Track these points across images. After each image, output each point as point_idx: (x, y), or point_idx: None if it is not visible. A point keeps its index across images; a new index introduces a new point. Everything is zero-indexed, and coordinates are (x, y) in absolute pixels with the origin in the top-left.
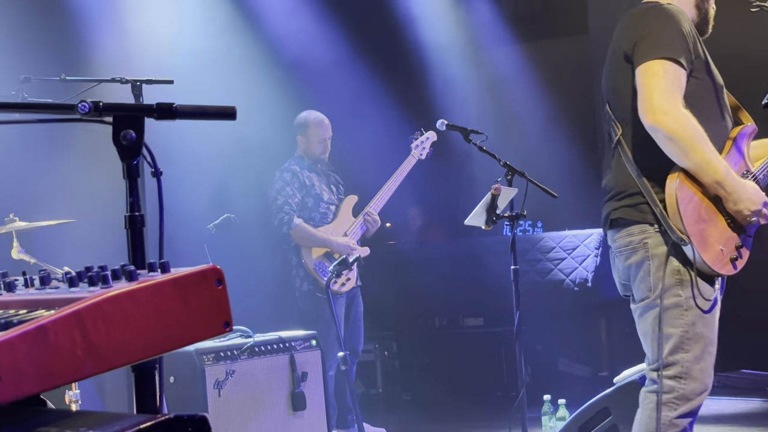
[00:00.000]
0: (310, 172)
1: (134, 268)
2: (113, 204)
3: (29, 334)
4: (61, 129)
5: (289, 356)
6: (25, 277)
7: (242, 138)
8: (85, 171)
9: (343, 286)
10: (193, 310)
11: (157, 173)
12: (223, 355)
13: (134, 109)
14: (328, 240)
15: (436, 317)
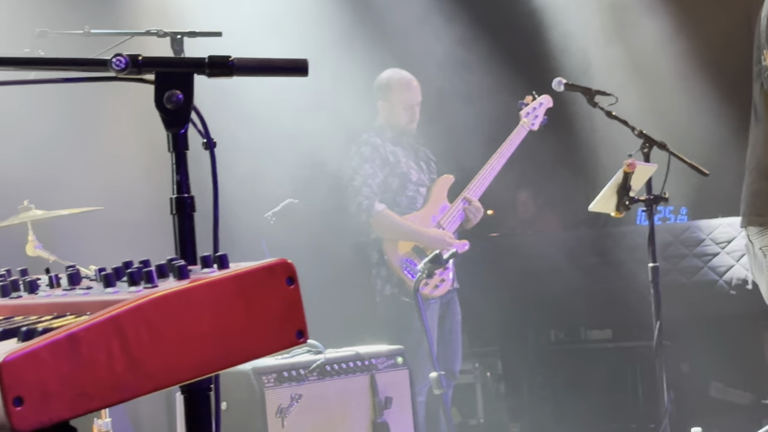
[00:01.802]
0: (395, 145)
1: (185, 264)
2: (151, 186)
3: (57, 345)
4: (86, 93)
5: (369, 377)
6: (50, 275)
7: (308, 104)
8: (116, 145)
9: (437, 289)
10: (258, 315)
11: (210, 144)
12: (287, 376)
13: (182, 63)
14: (418, 231)
15: (551, 329)
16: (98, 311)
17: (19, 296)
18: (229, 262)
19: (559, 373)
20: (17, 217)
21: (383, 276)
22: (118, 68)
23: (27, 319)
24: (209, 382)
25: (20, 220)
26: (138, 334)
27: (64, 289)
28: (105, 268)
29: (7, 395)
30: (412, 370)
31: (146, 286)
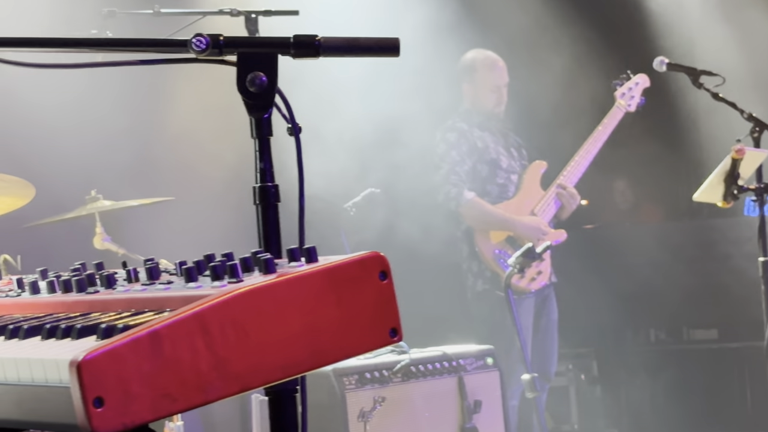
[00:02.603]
0: (482, 130)
1: (271, 257)
2: (226, 175)
3: (138, 344)
4: (157, 77)
5: (458, 379)
6: (128, 269)
7: (390, 87)
8: (189, 132)
9: (533, 282)
10: (350, 312)
11: (295, 130)
12: (369, 377)
13: (265, 44)
14: (511, 219)
15: (651, 328)
16: (181, 307)
17: (96, 291)
18: (317, 255)
19: (659, 375)
20: (84, 208)
21: (475, 271)
22: (198, 49)
23: (105, 314)
24: (295, 383)
25: (87, 211)
26: (223, 332)
27: (143, 283)
28: (185, 262)
29: (87, 396)
30: (503, 371)
31: (231, 281)
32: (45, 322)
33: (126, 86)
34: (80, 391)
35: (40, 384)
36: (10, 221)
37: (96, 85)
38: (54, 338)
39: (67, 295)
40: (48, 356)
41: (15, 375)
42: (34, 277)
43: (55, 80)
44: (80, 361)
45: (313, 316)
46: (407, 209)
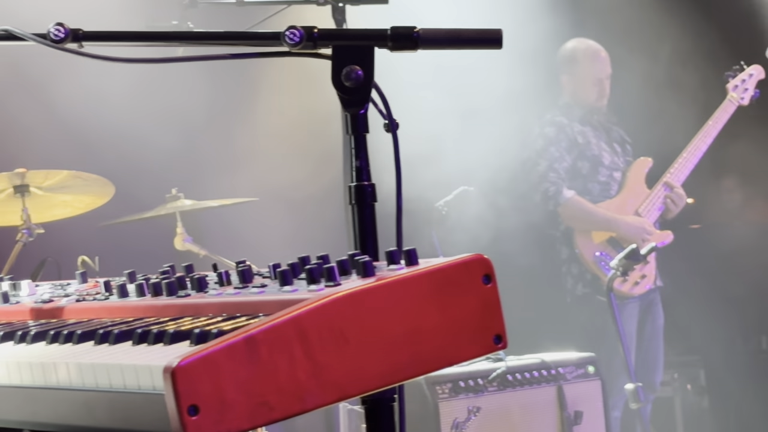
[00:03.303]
0: (583, 125)
1: (370, 260)
2: (312, 174)
3: (234, 349)
4: (241, 71)
5: (557, 388)
6: (219, 272)
7: (482, 80)
8: (274, 130)
9: (637, 286)
10: (453, 317)
11: (392, 126)
12: (463, 386)
13: (362, 36)
14: (614, 219)
15: (763, 335)
16: (276, 312)
17: (187, 295)
18: (418, 257)
19: None
20: (164, 207)
21: (575, 273)
22: (292, 42)
23: (198, 319)
24: (393, 392)
25: (168, 210)
26: (321, 338)
27: (236, 287)
28: (279, 264)
29: (182, 403)
30: (605, 380)
31: (328, 285)
32: (136, 326)
33: (209, 82)
34: (175, 398)
35: (132, 391)
36: (88, 220)
37: (178, 80)
38: (145, 343)
39: (157, 299)
40: (140, 362)
41: (106, 381)
42: (121, 280)
43: (137, 76)
44: (175, 368)
45: (415, 321)
46: (502, 208)
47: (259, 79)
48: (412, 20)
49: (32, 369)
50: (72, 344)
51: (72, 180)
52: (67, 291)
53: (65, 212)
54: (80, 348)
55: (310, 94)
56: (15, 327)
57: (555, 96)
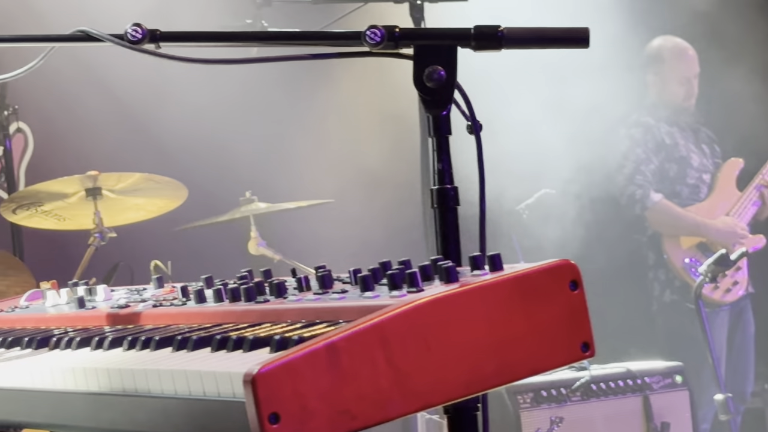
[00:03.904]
0: (671, 126)
1: (453, 265)
2: (389, 177)
3: (315, 356)
4: (316, 71)
5: (643, 398)
6: (299, 277)
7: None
8: (350, 129)
9: (728, 294)
10: (539, 324)
11: (475, 128)
12: (545, 395)
13: (444, 36)
14: (703, 223)
15: None
16: (357, 318)
17: (265, 300)
18: (502, 263)
19: None
20: (238, 210)
21: (662, 280)
22: (372, 42)
23: (278, 325)
24: (476, 401)
25: (242, 214)
26: (404, 345)
27: (315, 292)
28: (360, 270)
29: (262, 411)
30: (693, 391)
31: (410, 290)
32: (214, 332)
33: (283, 83)
34: (255, 406)
35: (212, 398)
36: (161, 224)
37: (252, 81)
38: (225, 350)
39: (236, 305)
40: (220, 369)
41: (185, 388)
42: (198, 285)
43: (210, 77)
44: (255, 375)
45: (500, 328)
46: (585, 212)
47: (334, 79)
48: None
49: (110, 376)
50: (150, 350)
51: (145, 183)
52: (144, 296)
53: (138, 216)
54: (158, 354)
55: (387, 95)
56: (91, 333)
57: (641, 96)
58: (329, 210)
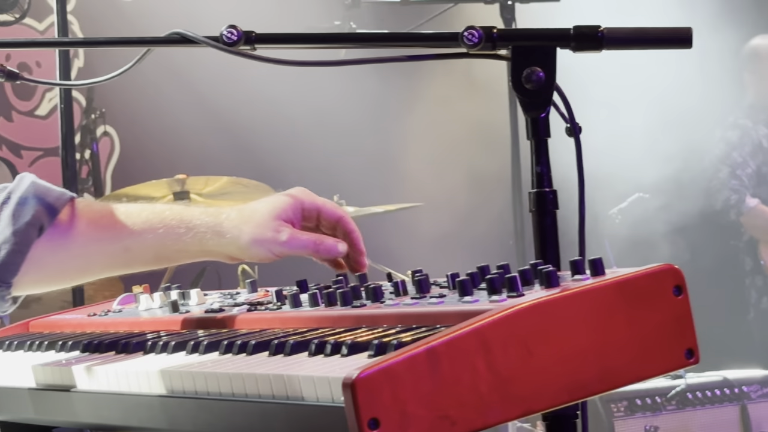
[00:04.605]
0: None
1: (554, 269)
2: (479, 180)
3: (415, 361)
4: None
5: (740, 407)
6: (395, 282)
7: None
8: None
9: None
10: (642, 330)
11: (575, 130)
12: (640, 404)
13: (543, 36)
14: None
15: None
16: (456, 323)
17: (362, 305)
18: (604, 267)
19: None
20: None
21: (759, 286)
22: (470, 43)
23: (375, 329)
24: (575, 408)
25: None
26: (505, 350)
27: (413, 297)
28: (458, 274)
29: (362, 416)
30: None
31: (510, 295)
32: (311, 337)
33: (371, 85)
34: (355, 411)
35: (310, 402)
36: None
37: (339, 84)
38: (322, 354)
39: (332, 309)
40: (318, 373)
41: (283, 392)
42: (293, 289)
43: (298, 80)
44: (355, 380)
45: (603, 334)
46: (679, 217)
47: (423, 82)
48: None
49: (206, 379)
50: (246, 354)
51: (232, 186)
52: (237, 300)
53: None
54: (255, 359)
55: (477, 98)
56: (186, 336)
57: (737, 97)
58: (418, 214)
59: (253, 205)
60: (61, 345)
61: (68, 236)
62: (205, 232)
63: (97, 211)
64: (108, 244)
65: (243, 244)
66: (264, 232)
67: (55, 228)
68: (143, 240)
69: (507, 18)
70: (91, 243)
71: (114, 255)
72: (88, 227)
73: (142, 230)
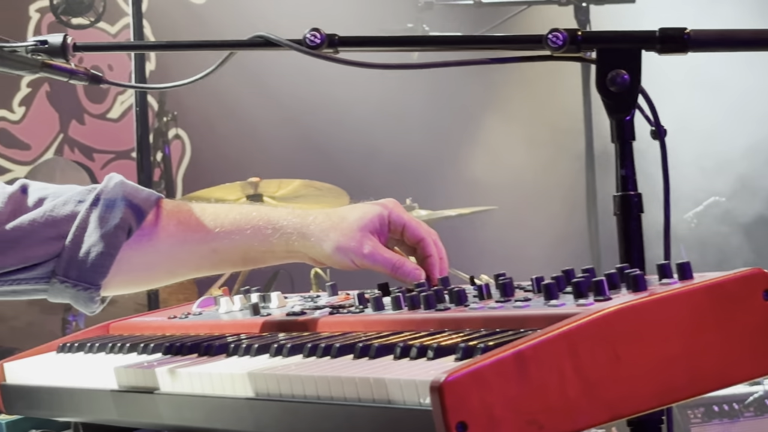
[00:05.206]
0: None
1: (641, 273)
2: (556, 182)
3: (503, 365)
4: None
5: None
6: (479, 285)
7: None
8: (513, 136)
9: None
10: (731, 335)
11: (660, 133)
12: (717, 411)
13: (628, 39)
14: None
15: None
16: (542, 326)
17: (446, 308)
18: (692, 271)
19: None
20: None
21: None
22: (554, 46)
23: (457, 334)
24: (661, 413)
25: None
26: (593, 354)
27: (497, 300)
28: (543, 278)
29: (450, 420)
30: None
31: (597, 299)
32: (395, 340)
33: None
34: (442, 414)
35: (397, 406)
36: None
37: (413, 87)
38: (407, 358)
39: (415, 312)
40: (404, 376)
41: (369, 395)
42: (375, 292)
43: (370, 83)
44: (443, 383)
45: (692, 338)
46: (757, 221)
47: (497, 87)
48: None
49: (291, 382)
50: (330, 357)
51: (305, 189)
52: (318, 303)
53: None
54: (339, 362)
55: (551, 102)
56: (267, 339)
57: None
58: (491, 217)
59: (343, 212)
60: (143, 347)
61: (156, 238)
62: (291, 233)
63: (185, 212)
64: (196, 245)
65: (326, 249)
66: (348, 241)
67: (144, 230)
68: (231, 241)
69: (581, 20)
70: (179, 244)
71: (202, 256)
72: (177, 228)
73: (229, 231)
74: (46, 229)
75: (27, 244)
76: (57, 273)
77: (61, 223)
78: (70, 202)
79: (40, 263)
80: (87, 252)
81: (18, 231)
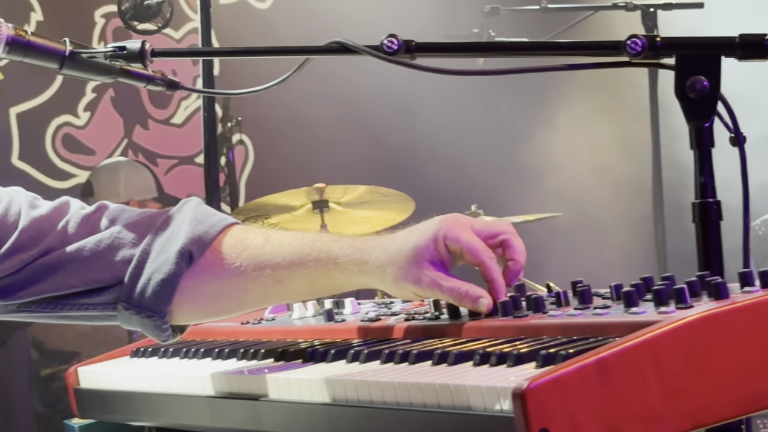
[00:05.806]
0: None
1: (723, 281)
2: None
3: (585, 372)
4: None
5: None
6: (557, 292)
7: None
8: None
9: None
10: None
11: (739, 140)
12: None
13: (708, 45)
14: None
15: None
16: (623, 334)
17: (524, 315)
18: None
19: None
20: None
21: None
22: (633, 52)
23: (537, 341)
24: (740, 422)
25: None
26: (675, 362)
27: (576, 308)
28: (622, 285)
29: (532, 426)
30: None
31: (679, 307)
32: (474, 347)
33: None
34: (524, 421)
35: (477, 412)
36: None
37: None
38: (487, 365)
39: (492, 319)
40: (485, 383)
41: (449, 402)
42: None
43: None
44: (525, 390)
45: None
46: None
47: (564, 94)
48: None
49: (369, 388)
50: (408, 364)
51: (371, 195)
52: (393, 309)
53: (364, 228)
54: (417, 368)
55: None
56: (341, 345)
57: None
58: (557, 224)
59: (400, 242)
60: (218, 352)
61: (220, 266)
62: (352, 270)
63: (252, 240)
64: (259, 275)
65: (387, 285)
66: (405, 275)
67: (207, 257)
68: (294, 273)
69: (649, 25)
70: (242, 273)
71: (266, 285)
72: (239, 257)
73: (291, 263)
74: (112, 252)
75: (93, 266)
76: (121, 299)
77: (126, 247)
78: (139, 225)
79: (106, 287)
80: (148, 279)
81: (84, 252)
